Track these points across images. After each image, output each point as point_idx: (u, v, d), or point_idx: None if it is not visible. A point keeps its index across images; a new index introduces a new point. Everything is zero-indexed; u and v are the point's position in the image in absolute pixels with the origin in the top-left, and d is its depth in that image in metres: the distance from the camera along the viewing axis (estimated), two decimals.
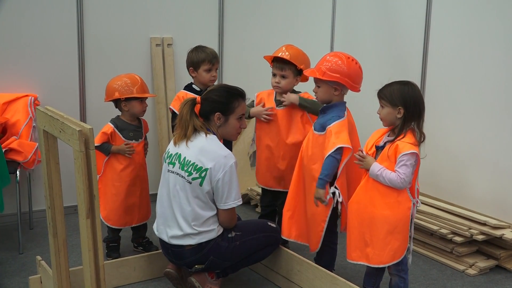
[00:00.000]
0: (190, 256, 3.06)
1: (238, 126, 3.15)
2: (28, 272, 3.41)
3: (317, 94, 3.20)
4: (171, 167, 3.08)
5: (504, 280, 3.54)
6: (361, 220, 2.94)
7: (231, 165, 2.99)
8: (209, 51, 3.67)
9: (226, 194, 3.00)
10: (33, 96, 4.07)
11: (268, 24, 5.05)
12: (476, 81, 4.04)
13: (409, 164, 2.80)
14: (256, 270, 3.54)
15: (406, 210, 2.87)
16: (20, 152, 3.76)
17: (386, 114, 2.91)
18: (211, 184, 2.98)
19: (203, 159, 2.98)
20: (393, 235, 2.87)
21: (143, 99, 3.58)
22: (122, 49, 4.48)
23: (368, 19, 4.95)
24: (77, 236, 3.80)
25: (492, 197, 3.95)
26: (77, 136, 2.19)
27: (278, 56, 3.48)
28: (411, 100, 2.86)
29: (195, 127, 3.05)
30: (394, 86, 2.90)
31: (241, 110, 3.14)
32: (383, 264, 2.91)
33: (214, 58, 3.65)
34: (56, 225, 2.57)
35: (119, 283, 3.31)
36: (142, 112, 3.61)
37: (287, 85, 3.52)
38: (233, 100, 3.09)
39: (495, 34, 3.90)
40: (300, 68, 3.49)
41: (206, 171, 2.97)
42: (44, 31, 4.18)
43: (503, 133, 3.88)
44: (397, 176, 2.80)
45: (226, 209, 3.03)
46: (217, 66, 3.69)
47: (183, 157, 3.03)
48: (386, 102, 2.89)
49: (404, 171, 2.80)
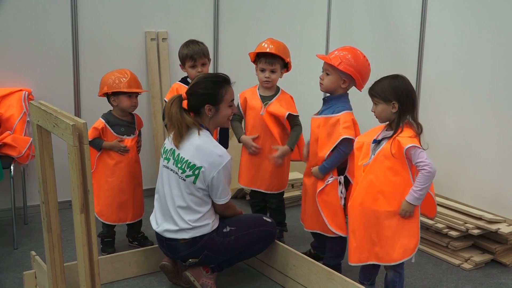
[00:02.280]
0: (185, 250, 3.05)
1: (229, 112, 3.13)
2: (23, 267, 3.40)
3: (324, 81, 3.20)
4: (166, 162, 3.07)
5: (499, 274, 3.55)
6: (366, 220, 2.91)
7: (226, 163, 2.99)
8: (192, 46, 3.60)
9: (220, 191, 3.01)
10: (27, 90, 4.05)
11: (264, 18, 5.04)
12: (472, 75, 4.03)
13: (419, 150, 2.76)
14: (251, 264, 3.54)
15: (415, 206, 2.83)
16: (14, 147, 3.75)
17: (380, 111, 2.89)
18: (205, 183, 2.98)
19: (198, 157, 2.97)
20: (401, 232, 2.84)
21: (131, 94, 3.54)
22: (117, 44, 4.46)
23: (363, 14, 4.94)
24: (71, 231, 3.76)
25: (487, 192, 3.95)
26: (71, 131, 2.17)
27: (267, 51, 3.47)
28: (403, 93, 2.85)
29: (187, 124, 3.03)
30: (384, 82, 2.89)
31: (230, 96, 3.10)
32: (395, 262, 2.88)
33: (196, 54, 3.58)
34: (50, 220, 2.56)
35: (114, 278, 3.30)
36: (131, 107, 3.57)
37: (276, 79, 3.53)
38: (220, 88, 3.06)
39: (492, 28, 3.90)
40: (287, 61, 3.51)
41: (199, 169, 2.96)
42: (38, 25, 4.16)
43: (499, 127, 3.88)
44: (422, 169, 2.75)
45: (221, 204, 3.05)
46: (202, 61, 3.61)
47: (177, 153, 3.02)
48: (379, 99, 2.88)
49: (422, 158, 2.75)
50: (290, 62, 3.55)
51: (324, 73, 3.19)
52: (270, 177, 3.58)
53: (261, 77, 3.53)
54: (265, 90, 3.58)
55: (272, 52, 3.47)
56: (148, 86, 4.58)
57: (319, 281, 3.04)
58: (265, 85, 3.54)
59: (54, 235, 2.58)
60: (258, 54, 3.53)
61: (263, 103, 3.54)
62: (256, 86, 3.64)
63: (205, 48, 3.66)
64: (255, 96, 3.59)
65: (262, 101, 3.55)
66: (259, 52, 3.52)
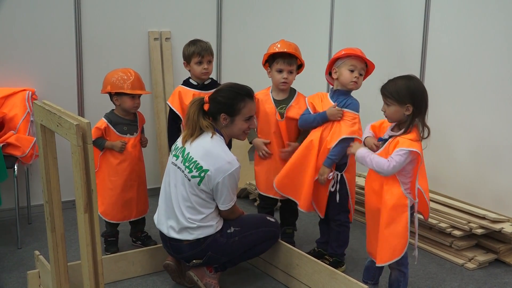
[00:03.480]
0: (188, 251, 3.05)
1: (245, 127, 3.10)
2: (27, 267, 3.40)
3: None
4: (175, 159, 3.07)
5: (503, 274, 3.54)
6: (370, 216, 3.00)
7: (233, 171, 2.97)
8: (199, 44, 3.61)
9: (224, 197, 3.00)
10: (30, 90, 4.06)
11: (267, 18, 5.04)
12: (476, 75, 4.02)
13: (402, 154, 2.72)
14: (255, 264, 3.54)
15: (402, 207, 2.80)
16: (18, 146, 3.75)
17: (393, 112, 2.81)
18: (209, 186, 2.98)
19: (206, 160, 2.96)
20: (389, 231, 2.82)
21: (134, 95, 3.54)
22: (120, 43, 4.46)
23: (366, 13, 4.93)
24: (75, 230, 3.77)
25: (491, 191, 3.94)
26: (75, 130, 2.17)
27: (285, 51, 3.42)
28: (418, 96, 2.78)
29: (201, 127, 3.03)
30: (399, 83, 2.80)
31: (248, 111, 3.07)
32: (384, 262, 2.89)
33: (203, 51, 3.58)
34: (54, 219, 2.56)
35: (117, 278, 3.30)
36: (133, 108, 3.57)
37: (292, 80, 3.49)
38: (239, 101, 3.03)
39: (495, 26, 3.89)
40: (302, 62, 3.49)
41: (205, 172, 2.95)
42: (42, 25, 4.16)
43: (503, 127, 3.87)
44: (387, 161, 2.75)
45: (224, 210, 3.06)
46: (209, 58, 3.61)
47: (186, 152, 3.03)
48: (392, 101, 2.79)
49: (397, 159, 2.73)
50: (304, 63, 3.51)
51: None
52: None
53: (278, 78, 3.45)
54: (279, 93, 3.52)
55: (291, 52, 3.42)
56: (151, 86, 4.58)
57: (322, 281, 3.04)
58: (282, 86, 3.48)
59: (57, 235, 2.58)
60: (274, 55, 3.46)
61: (277, 108, 3.50)
62: (269, 89, 3.58)
63: (210, 46, 3.68)
64: (269, 100, 3.53)
65: (276, 105, 3.51)
66: (275, 53, 3.45)
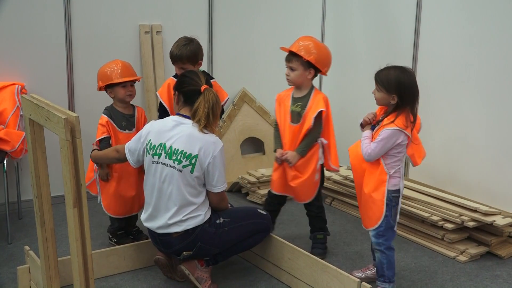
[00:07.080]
0: (178, 244, 3.04)
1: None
2: (17, 262, 3.39)
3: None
4: (157, 158, 3.04)
5: (495, 267, 3.55)
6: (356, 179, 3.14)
7: (220, 149, 3.02)
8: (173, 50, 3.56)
9: (217, 177, 3.02)
10: (20, 84, 4.03)
11: (259, 13, 5.00)
12: (467, 68, 4.02)
13: (381, 139, 2.88)
14: (246, 258, 3.53)
15: (381, 183, 2.95)
16: (7, 141, 3.72)
17: (380, 98, 2.97)
18: (201, 170, 2.98)
19: (192, 146, 2.97)
20: (368, 204, 3.01)
21: (125, 84, 3.52)
22: (111, 37, 4.43)
23: (358, 11, 4.92)
24: (66, 225, 3.76)
25: (483, 184, 3.95)
26: (63, 124, 2.15)
27: (281, 47, 3.46)
28: (406, 89, 2.90)
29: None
30: (392, 73, 2.92)
31: None
32: (367, 228, 3.06)
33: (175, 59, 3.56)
34: (43, 214, 2.55)
35: (108, 273, 3.29)
36: (127, 97, 3.55)
37: (297, 78, 3.44)
38: None
39: (487, 20, 3.88)
40: (307, 60, 3.37)
41: (196, 157, 2.96)
42: (31, 19, 4.12)
43: (494, 120, 3.88)
44: (366, 147, 2.95)
45: (217, 192, 3.05)
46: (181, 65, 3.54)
47: (168, 147, 3.01)
48: (381, 87, 2.94)
49: (373, 146, 2.92)
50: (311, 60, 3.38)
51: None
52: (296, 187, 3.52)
53: None
54: (297, 91, 3.51)
55: (291, 49, 3.43)
56: (142, 80, 4.55)
57: (314, 274, 3.04)
58: (288, 82, 3.51)
59: (47, 230, 2.57)
60: None
61: (292, 105, 3.48)
62: (293, 88, 3.57)
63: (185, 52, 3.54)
64: (288, 98, 3.54)
65: (292, 102, 3.49)
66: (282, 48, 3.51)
